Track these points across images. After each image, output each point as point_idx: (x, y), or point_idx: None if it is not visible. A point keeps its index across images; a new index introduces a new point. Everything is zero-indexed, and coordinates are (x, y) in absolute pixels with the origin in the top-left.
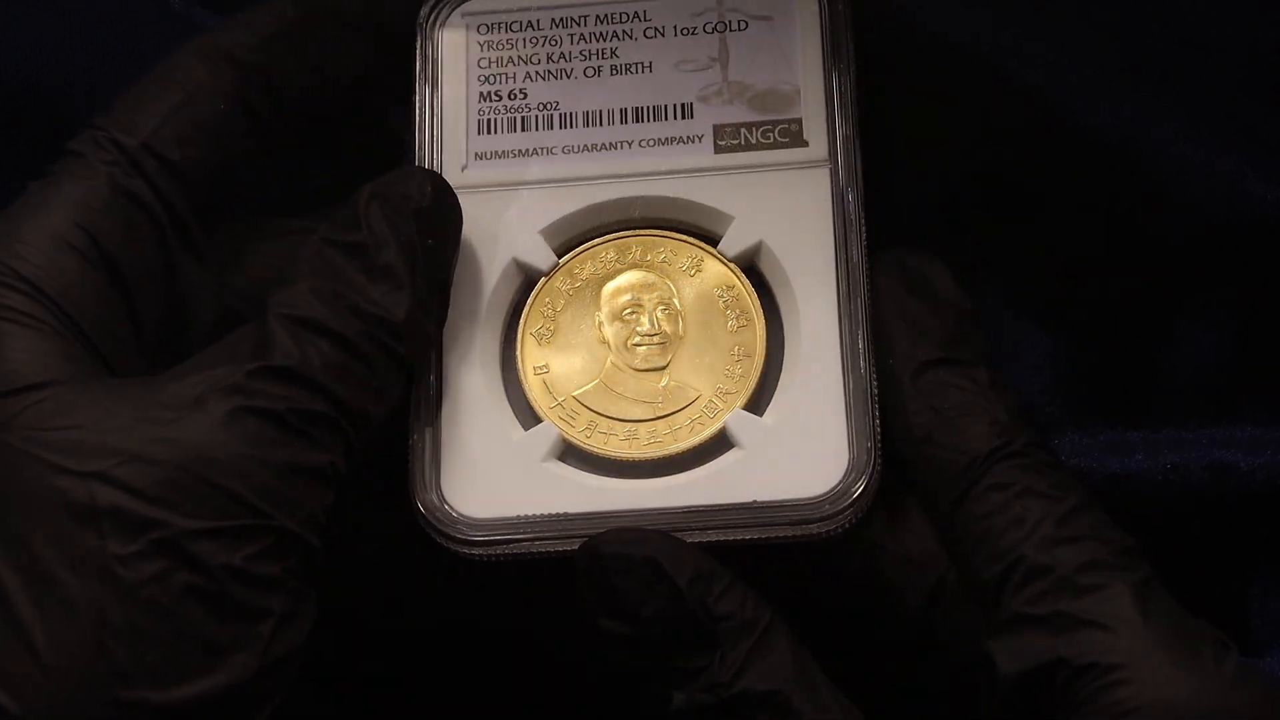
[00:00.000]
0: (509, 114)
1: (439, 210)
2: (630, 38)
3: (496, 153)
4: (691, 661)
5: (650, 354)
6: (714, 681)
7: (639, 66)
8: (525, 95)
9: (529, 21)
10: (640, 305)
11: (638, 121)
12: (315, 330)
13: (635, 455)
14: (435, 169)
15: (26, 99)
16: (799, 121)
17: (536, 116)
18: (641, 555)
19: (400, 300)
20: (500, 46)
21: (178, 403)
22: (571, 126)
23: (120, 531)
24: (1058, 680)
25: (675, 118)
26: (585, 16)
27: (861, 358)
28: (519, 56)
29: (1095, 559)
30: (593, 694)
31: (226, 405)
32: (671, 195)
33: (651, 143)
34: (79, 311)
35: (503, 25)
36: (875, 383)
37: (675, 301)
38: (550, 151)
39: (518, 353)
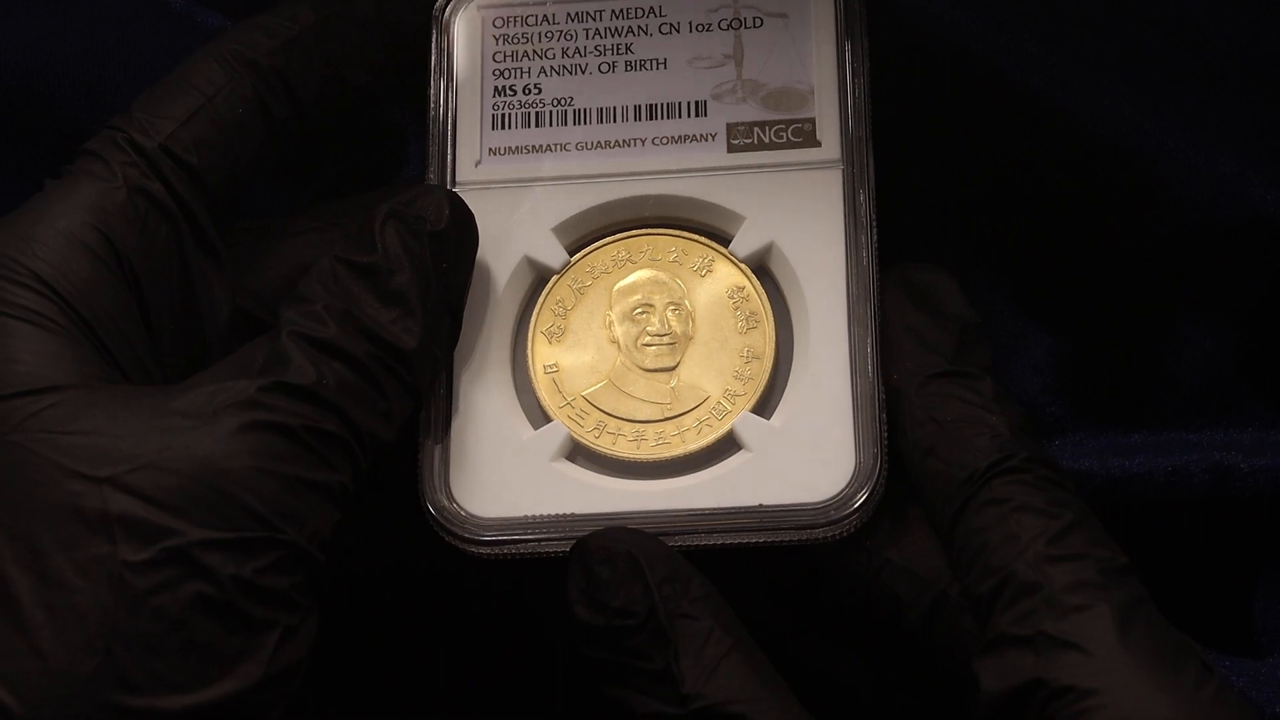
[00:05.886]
0: (523, 109)
1: (455, 233)
2: (645, 33)
3: (510, 148)
4: (650, 660)
5: (660, 354)
6: (678, 693)
7: (653, 63)
8: (539, 90)
9: (544, 15)
10: (651, 305)
11: (652, 119)
12: (328, 352)
13: (643, 456)
14: (449, 164)
15: (26, 99)
16: (812, 121)
17: (550, 112)
18: (623, 550)
19: (411, 327)
20: (515, 40)
21: (192, 412)
22: (585, 122)
23: (131, 538)
24: (1037, 701)
25: (689, 115)
26: (600, 11)
27: (870, 362)
28: (534, 51)
29: (1083, 579)
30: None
31: (241, 418)
32: (684, 194)
33: (665, 140)
34: (92, 312)
35: (518, 19)
36: (882, 387)
37: (686, 302)
38: (564, 147)
39: (528, 351)
